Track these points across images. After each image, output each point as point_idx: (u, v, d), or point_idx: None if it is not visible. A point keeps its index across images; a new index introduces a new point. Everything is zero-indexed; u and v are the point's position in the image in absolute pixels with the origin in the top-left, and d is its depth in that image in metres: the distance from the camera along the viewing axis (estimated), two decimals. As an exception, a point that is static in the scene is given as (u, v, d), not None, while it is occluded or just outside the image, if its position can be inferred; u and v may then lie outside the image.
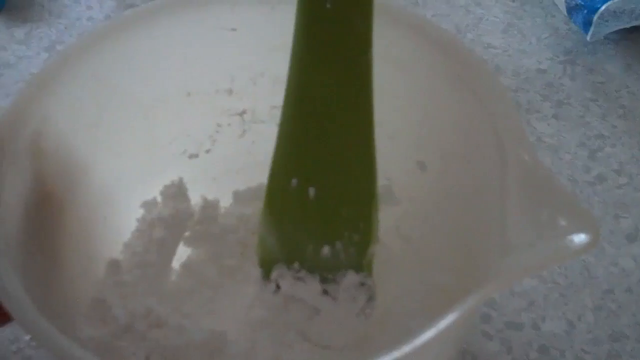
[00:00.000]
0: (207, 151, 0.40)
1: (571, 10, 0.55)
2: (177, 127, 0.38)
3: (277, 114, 0.38)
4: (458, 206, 0.34)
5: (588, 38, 0.55)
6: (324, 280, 0.36)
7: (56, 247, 0.33)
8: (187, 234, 0.40)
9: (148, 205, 0.39)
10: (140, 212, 0.39)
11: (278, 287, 0.37)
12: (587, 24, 0.54)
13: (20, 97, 0.31)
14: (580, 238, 0.24)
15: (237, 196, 0.41)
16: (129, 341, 0.34)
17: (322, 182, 0.34)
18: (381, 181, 0.38)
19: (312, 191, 0.34)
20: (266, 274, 0.37)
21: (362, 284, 0.36)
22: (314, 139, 0.33)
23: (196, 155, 0.40)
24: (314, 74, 0.32)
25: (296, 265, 0.37)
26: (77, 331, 0.33)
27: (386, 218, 0.37)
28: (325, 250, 0.35)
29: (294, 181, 0.34)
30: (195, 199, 0.40)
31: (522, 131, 0.29)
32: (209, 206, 0.40)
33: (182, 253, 0.40)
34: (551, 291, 0.42)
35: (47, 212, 0.33)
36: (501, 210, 0.28)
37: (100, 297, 0.35)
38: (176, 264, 0.39)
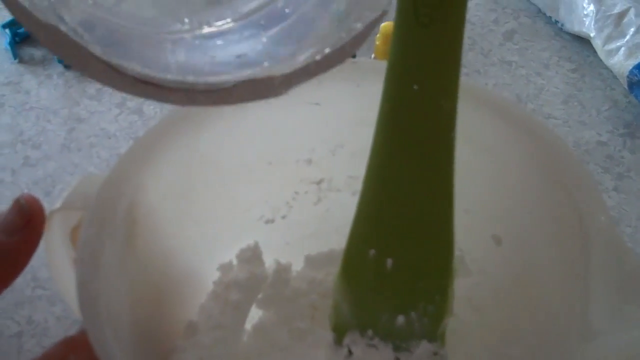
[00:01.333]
0: (283, 217, 0.41)
1: (632, 85, 0.56)
2: (257, 194, 0.39)
3: (353, 183, 0.40)
4: (534, 283, 0.35)
5: None
6: (396, 349, 0.37)
7: (142, 309, 0.35)
8: (259, 296, 0.41)
9: (224, 268, 0.40)
10: (216, 274, 0.40)
11: (350, 352, 0.38)
12: None
13: (120, 166, 0.32)
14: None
15: (309, 261, 0.42)
16: (207, 403, 0.35)
17: (399, 254, 0.35)
18: (455, 252, 0.39)
19: (389, 262, 0.35)
20: (339, 339, 0.38)
21: (435, 354, 0.37)
22: (393, 213, 0.34)
23: (272, 221, 0.41)
24: (397, 151, 0.33)
25: (369, 332, 0.37)
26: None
27: (458, 289, 0.38)
28: (400, 319, 0.36)
29: (372, 252, 0.35)
30: (268, 262, 0.41)
31: (607, 214, 0.30)
32: (282, 269, 0.41)
33: (254, 314, 0.41)
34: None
35: (136, 276, 0.34)
36: (583, 292, 0.28)
37: (181, 358, 0.36)
38: (248, 325, 0.40)
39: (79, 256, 0.30)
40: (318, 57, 0.26)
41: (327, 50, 0.26)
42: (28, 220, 0.33)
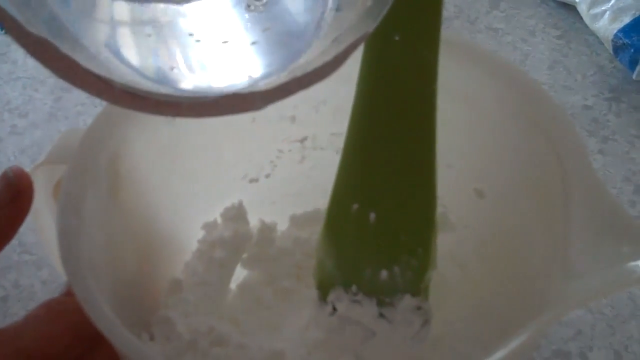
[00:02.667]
0: (267, 176, 0.41)
1: (617, 49, 0.56)
2: (240, 152, 0.39)
3: (337, 141, 0.40)
4: (516, 233, 0.35)
5: (634, 76, 0.56)
6: (380, 304, 0.37)
7: (127, 265, 0.35)
8: (244, 255, 0.41)
9: (209, 226, 0.40)
10: (201, 233, 0.40)
11: (334, 309, 0.38)
12: (633, 63, 0.55)
13: (102, 119, 0.32)
14: (647, 264, 0.25)
15: (294, 220, 0.42)
16: (192, 358, 0.35)
17: (382, 207, 0.35)
18: (438, 209, 0.39)
19: (372, 216, 0.35)
20: (323, 296, 0.38)
21: (419, 308, 0.37)
22: (376, 166, 0.34)
23: (256, 180, 0.41)
24: (379, 103, 0.33)
25: (353, 288, 0.37)
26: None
27: (441, 244, 0.38)
28: (383, 274, 0.36)
29: (355, 206, 0.35)
30: (253, 221, 0.41)
31: (587, 159, 0.30)
32: (267, 229, 0.41)
33: (239, 274, 0.41)
34: (598, 321, 0.43)
35: (120, 232, 0.34)
36: (563, 238, 0.29)
37: (164, 315, 0.36)
38: (233, 284, 0.40)
39: (60, 207, 0.30)
40: (299, 74, 0.27)
41: (309, 68, 0.27)
42: (16, 193, 0.33)
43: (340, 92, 0.37)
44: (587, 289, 0.26)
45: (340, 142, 0.40)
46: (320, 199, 0.41)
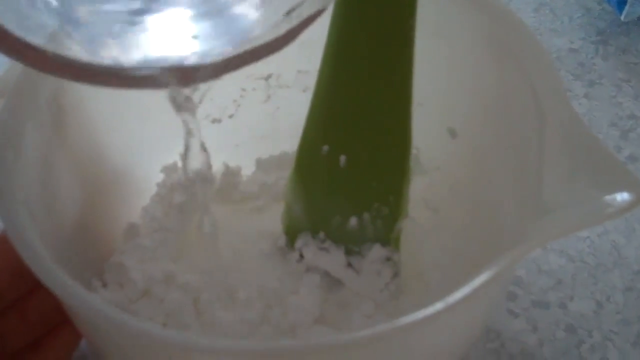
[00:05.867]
0: (231, 116, 0.39)
1: (605, -11, 0.54)
2: (201, 89, 0.37)
3: (303, 79, 0.38)
4: (490, 172, 0.33)
5: (622, 18, 0.53)
6: (349, 252, 0.35)
7: (74, 207, 0.33)
8: (207, 201, 0.39)
9: (168, 169, 0.38)
10: (160, 176, 0.38)
11: (301, 256, 0.36)
12: (621, 4, 0.53)
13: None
14: (622, 197, 0.23)
15: (260, 164, 0.40)
16: (146, 305, 0.33)
17: (353, 150, 0.33)
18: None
19: (343, 159, 0.33)
20: (290, 242, 0.36)
21: (388, 259, 0.35)
22: (349, 106, 0.32)
23: (219, 120, 0.39)
24: (355, 39, 0.30)
25: (322, 235, 0.35)
26: (94, 294, 0.33)
27: (413, 188, 0.36)
28: (353, 221, 0.34)
29: (325, 148, 0.33)
30: (217, 165, 0.39)
31: (562, 91, 0.28)
32: (231, 173, 0.39)
33: (200, 217, 0.38)
34: (580, 270, 0.41)
35: (66, 171, 0.32)
36: (537, 173, 0.27)
37: (118, 261, 0.34)
38: (193, 227, 0.38)
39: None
40: (248, 49, 0.27)
41: (258, 43, 0.26)
42: None
43: (306, 25, 0.35)
44: (561, 223, 0.24)
45: (307, 80, 0.38)
46: (287, 141, 0.39)
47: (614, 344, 0.38)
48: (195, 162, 0.38)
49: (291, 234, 0.37)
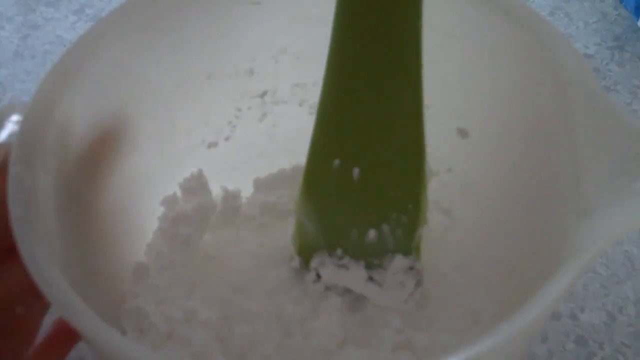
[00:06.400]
0: (227, 139, 0.37)
1: (622, -6, 0.53)
2: (196, 114, 0.35)
3: (300, 92, 0.36)
4: (508, 172, 0.32)
5: (639, 24, 0.53)
6: (369, 266, 0.34)
7: (83, 254, 0.30)
8: (210, 228, 0.37)
9: (168, 201, 0.36)
10: (160, 209, 0.36)
11: (318, 276, 0.35)
12: (639, 9, 0.52)
13: (42, 92, 0.28)
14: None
15: (258, 184, 0.38)
16: (171, 349, 0.32)
17: (367, 161, 0.32)
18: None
19: (356, 172, 0.32)
20: (305, 263, 0.35)
21: (411, 268, 0.34)
22: (358, 116, 0.31)
23: (215, 144, 0.37)
24: (360, 45, 0.29)
25: (338, 251, 0.34)
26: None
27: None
28: (371, 234, 0.33)
29: (336, 162, 0.32)
30: (216, 190, 0.37)
31: (593, 82, 0.27)
32: (231, 197, 0.38)
33: (207, 246, 0.37)
34: (591, 281, 0.41)
35: (74, 216, 0.30)
36: (572, 170, 0.26)
37: (134, 306, 0.32)
38: (202, 257, 0.36)
39: (11, 196, 0.25)
40: None
41: None
42: None
43: (301, 37, 0.34)
44: (603, 226, 0.23)
45: (303, 93, 0.37)
46: (284, 158, 0.38)
47: (626, 357, 0.38)
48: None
49: (305, 253, 0.35)
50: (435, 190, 0.36)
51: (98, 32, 0.29)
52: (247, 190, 0.38)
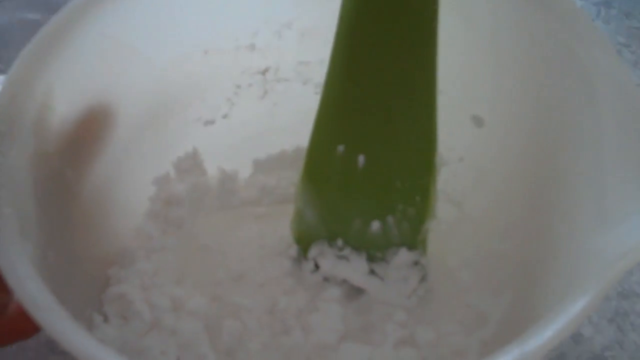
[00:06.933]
0: (225, 116, 0.35)
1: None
2: (192, 90, 0.33)
3: (304, 70, 0.34)
4: (525, 164, 0.30)
5: None
6: (371, 259, 0.32)
7: (65, 235, 0.28)
8: (205, 209, 0.35)
9: (160, 181, 0.34)
10: (152, 189, 0.34)
11: (317, 266, 0.33)
12: None
13: (22, 64, 0.25)
14: None
15: (258, 165, 0.36)
16: (156, 339, 0.30)
17: (373, 149, 0.30)
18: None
19: (361, 159, 0.30)
20: (303, 252, 0.33)
21: (416, 263, 0.32)
22: (367, 99, 0.29)
23: (212, 122, 0.35)
24: (370, 22, 0.27)
25: (339, 242, 0.32)
26: (96, 331, 0.29)
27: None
28: (375, 225, 0.31)
29: (341, 148, 0.30)
30: (211, 170, 0.35)
31: (619, 67, 0.24)
32: (228, 178, 0.35)
33: (200, 230, 0.35)
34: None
35: (54, 196, 0.28)
36: (596, 163, 0.24)
37: (117, 291, 0.31)
38: (194, 243, 0.35)
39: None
40: None
41: None
42: None
43: (308, 11, 0.32)
44: (626, 241, 0.21)
45: (308, 72, 0.34)
46: (286, 138, 0.36)
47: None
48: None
49: (304, 242, 0.33)
50: (446, 180, 0.34)
51: (86, 1, 0.27)
52: (245, 172, 0.36)
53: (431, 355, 0.30)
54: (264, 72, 0.34)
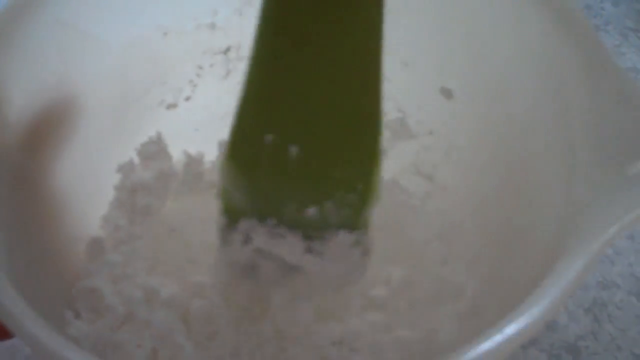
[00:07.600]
0: (187, 99, 0.34)
1: None
2: (152, 74, 0.32)
3: (267, 48, 0.33)
4: (496, 136, 0.30)
5: None
6: (307, 237, 0.29)
7: (30, 231, 0.28)
8: (172, 195, 0.34)
9: (125, 168, 0.33)
10: (117, 177, 0.33)
11: (248, 237, 0.29)
12: None
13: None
14: None
15: (224, 146, 0.35)
16: (131, 331, 0.29)
17: (306, 139, 0.26)
18: (393, 114, 0.33)
19: (293, 149, 0.26)
20: (232, 223, 0.29)
21: (357, 243, 0.29)
22: (294, 82, 0.25)
23: (175, 105, 0.34)
24: None
25: (271, 221, 0.29)
26: (68, 328, 0.28)
27: (401, 154, 0.32)
28: (311, 211, 0.28)
29: (269, 138, 0.26)
30: (177, 154, 0.34)
31: (596, 40, 0.24)
32: (193, 162, 0.35)
33: (168, 216, 0.34)
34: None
35: (17, 191, 0.27)
36: (566, 134, 0.23)
37: (88, 285, 0.30)
38: (164, 229, 0.34)
39: None
40: None
41: None
42: None
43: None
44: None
45: (271, 49, 0.33)
46: (251, 118, 0.35)
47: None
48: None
49: (231, 215, 0.29)
50: (416, 153, 0.34)
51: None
52: (211, 154, 0.35)
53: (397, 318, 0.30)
54: (225, 51, 0.33)
